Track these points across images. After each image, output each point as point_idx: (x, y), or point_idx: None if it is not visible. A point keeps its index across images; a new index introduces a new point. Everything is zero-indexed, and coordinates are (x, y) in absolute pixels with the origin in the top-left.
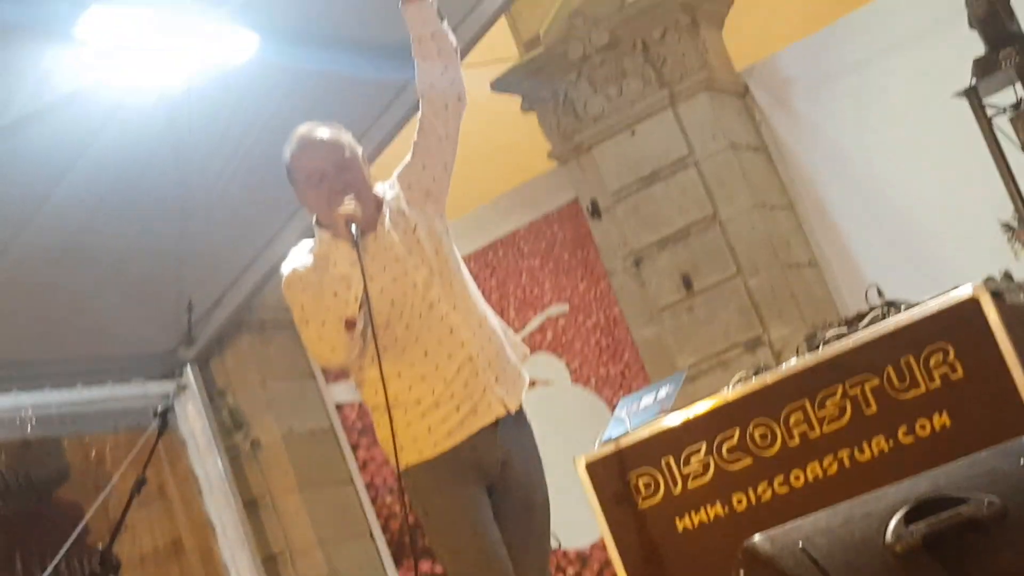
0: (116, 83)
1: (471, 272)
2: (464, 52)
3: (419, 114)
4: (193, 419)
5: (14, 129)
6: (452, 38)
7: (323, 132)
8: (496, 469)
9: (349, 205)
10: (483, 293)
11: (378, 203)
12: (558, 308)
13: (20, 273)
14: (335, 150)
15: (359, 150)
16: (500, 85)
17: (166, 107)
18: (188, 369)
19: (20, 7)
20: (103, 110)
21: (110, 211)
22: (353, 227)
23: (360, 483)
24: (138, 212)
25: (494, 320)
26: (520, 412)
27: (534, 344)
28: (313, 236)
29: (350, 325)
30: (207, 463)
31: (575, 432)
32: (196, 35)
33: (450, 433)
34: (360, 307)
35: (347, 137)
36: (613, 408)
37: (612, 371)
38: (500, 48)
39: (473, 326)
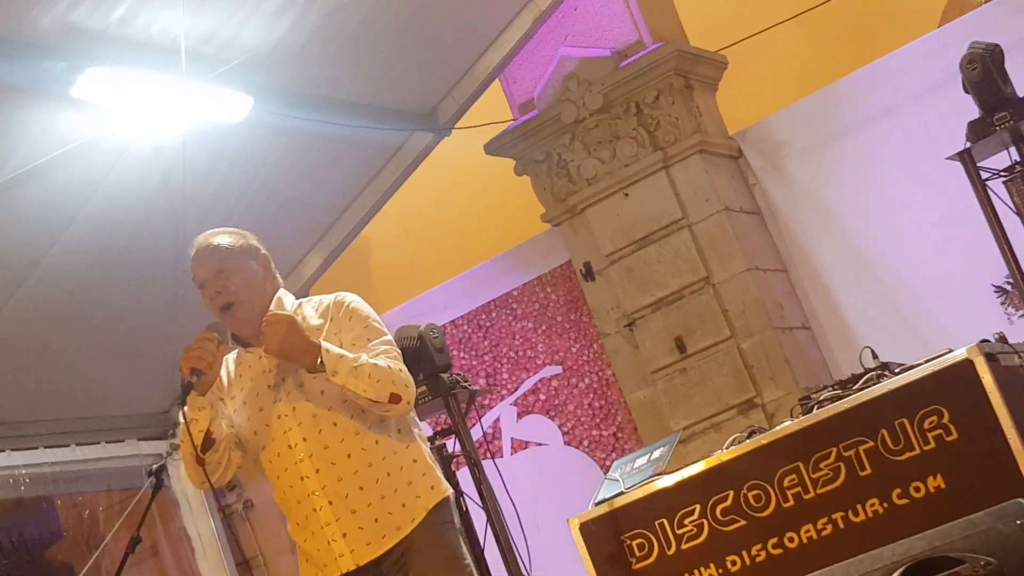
0: (110, 143)
1: (463, 333)
2: (459, 115)
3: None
4: (186, 479)
5: (9, 189)
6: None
7: (211, 239)
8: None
9: (191, 355)
10: (476, 354)
11: (264, 310)
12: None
13: (14, 334)
14: (212, 255)
15: (255, 251)
16: (494, 148)
17: (161, 167)
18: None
19: (17, 68)
20: (98, 170)
21: (104, 271)
22: (194, 378)
23: None
24: (132, 272)
25: (384, 451)
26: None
27: (527, 406)
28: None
29: (199, 460)
30: (200, 523)
31: (568, 493)
32: (191, 96)
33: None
34: (212, 441)
35: (241, 241)
36: (606, 470)
37: (605, 433)
38: (494, 111)
39: (331, 478)
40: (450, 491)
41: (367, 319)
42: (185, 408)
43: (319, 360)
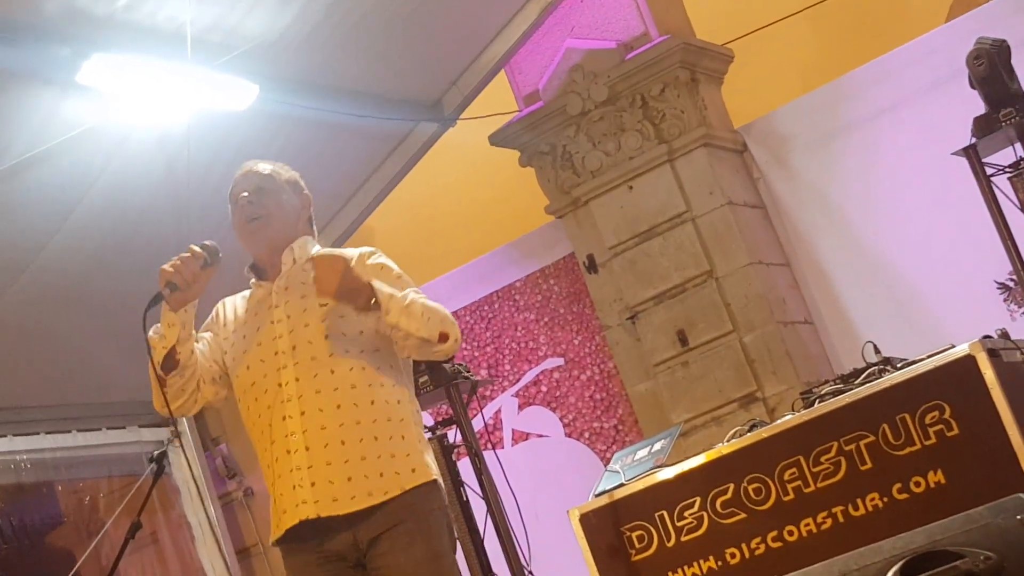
0: (115, 130)
1: (466, 324)
2: (464, 106)
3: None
4: (186, 466)
5: (14, 174)
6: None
7: (259, 164)
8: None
9: (169, 267)
10: (478, 345)
11: (287, 243)
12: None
13: (17, 319)
14: (256, 175)
15: (298, 187)
16: (499, 139)
17: (166, 154)
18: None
19: (22, 54)
20: (102, 157)
21: (108, 258)
22: (167, 291)
23: None
24: (135, 259)
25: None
26: (397, 507)
27: (529, 397)
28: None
29: (160, 380)
30: (200, 510)
31: (568, 485)
32: (196, 83)
33: (277, 523)
34: (175, 362)
35: (288, 173)
36: (606, 462)
37: (606, 425)
38: (499, 102)
39: (314, 424)
40: (435, 477)
41: (400, 275)
42: (157, 325)
43: (372, 299)
